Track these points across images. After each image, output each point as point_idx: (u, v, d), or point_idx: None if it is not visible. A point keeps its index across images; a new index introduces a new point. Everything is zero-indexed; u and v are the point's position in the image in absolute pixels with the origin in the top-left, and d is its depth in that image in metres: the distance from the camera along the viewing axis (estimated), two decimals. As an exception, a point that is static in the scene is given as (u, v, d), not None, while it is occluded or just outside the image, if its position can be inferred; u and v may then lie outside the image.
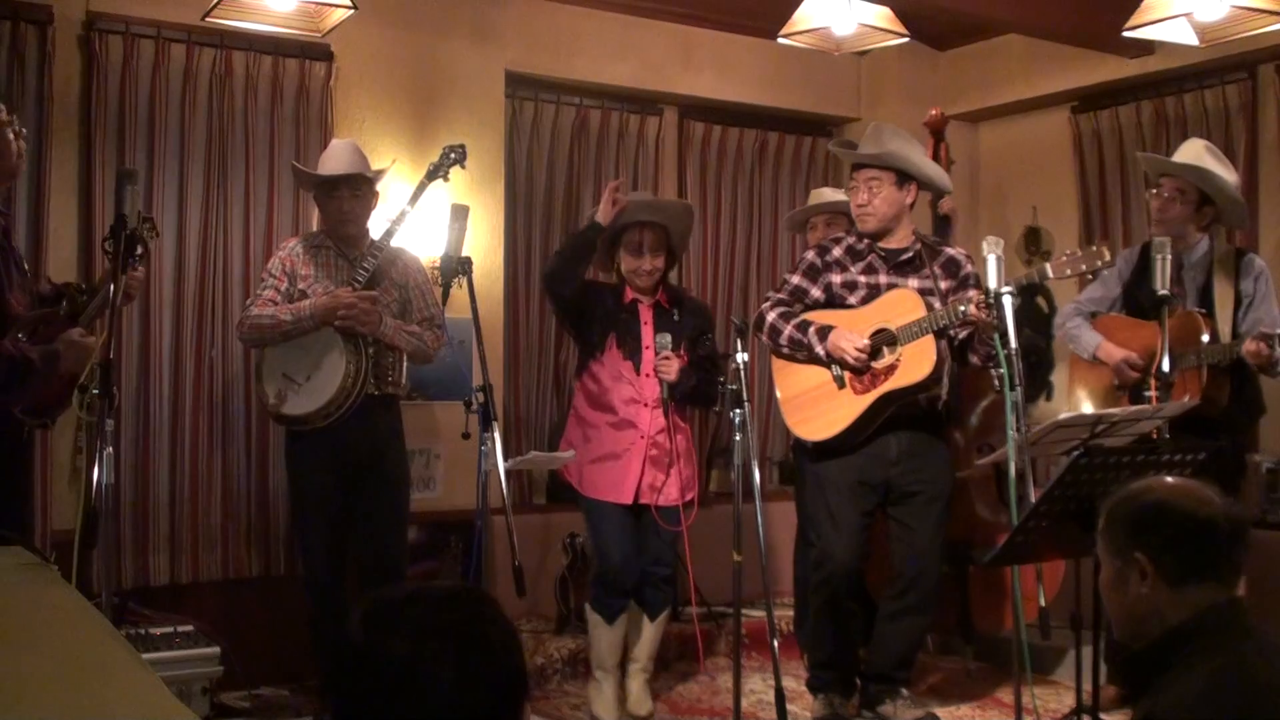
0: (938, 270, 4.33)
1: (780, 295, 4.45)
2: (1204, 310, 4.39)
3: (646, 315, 4.57)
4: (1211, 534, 2.08)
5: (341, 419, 4.19)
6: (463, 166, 4.37)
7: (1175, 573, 2.07)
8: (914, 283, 4.30)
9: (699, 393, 4.55)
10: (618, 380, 4.53)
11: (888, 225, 4.33)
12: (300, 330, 4.22)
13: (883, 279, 4.33)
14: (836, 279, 4.38)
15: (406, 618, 1.44)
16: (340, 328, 4.20)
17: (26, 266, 3.83)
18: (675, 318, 4.57)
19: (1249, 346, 4.14)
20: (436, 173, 4.33)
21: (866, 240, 4.37)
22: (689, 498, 4.46)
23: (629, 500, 4.49)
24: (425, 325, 4.43)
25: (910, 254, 4.34)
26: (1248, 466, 4.73)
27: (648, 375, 4.50)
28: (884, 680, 4.37)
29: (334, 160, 4.37)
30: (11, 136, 3.60)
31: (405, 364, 4.37)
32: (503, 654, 1.45)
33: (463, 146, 4.34)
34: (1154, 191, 4.50)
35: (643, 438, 4.49)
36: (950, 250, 4.43)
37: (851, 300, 4.34)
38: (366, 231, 4.43)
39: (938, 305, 4.19)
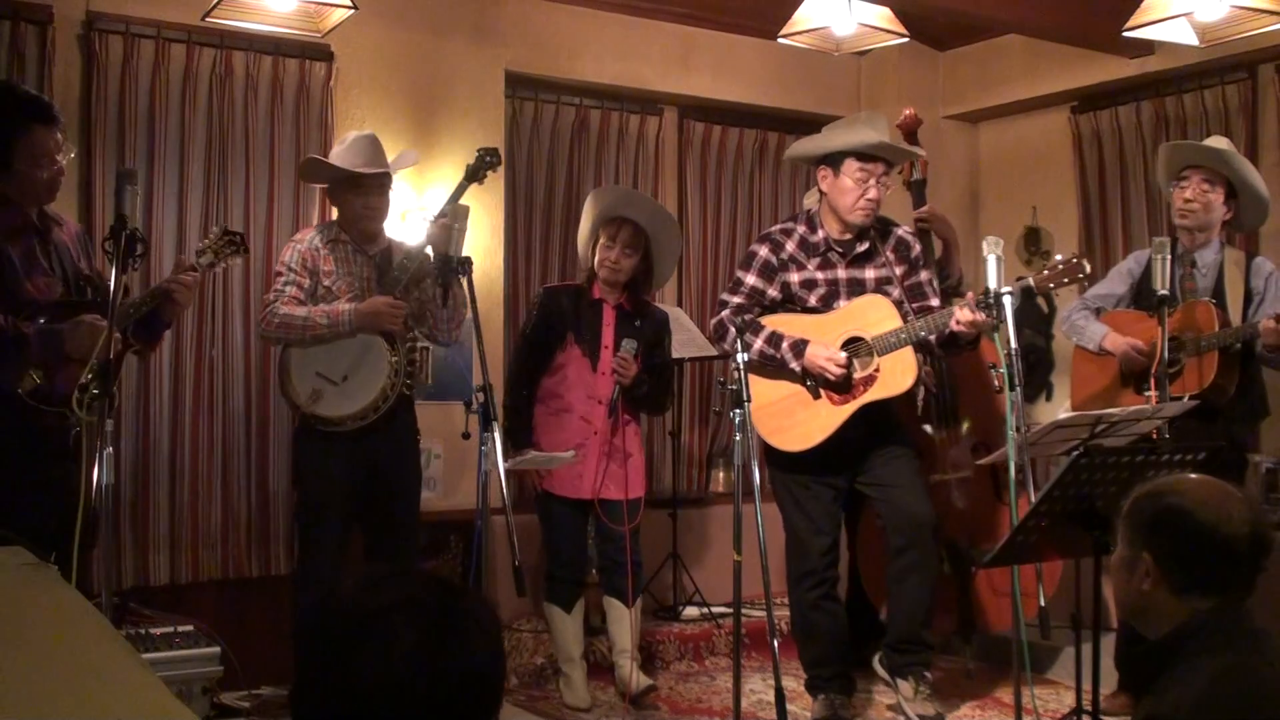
0: (891, 255, 4.29)
1: (738, 300, 4.31)
2: (1215, 301, 4.39)
3: (609, 317, 4.64)
4: (1227, 553, 2.02)
5: (376, 422, 4.18)
6: (495, 170, 4.31)
7: (1179, 582, 2.04)
8: (870, 273, 4.27)
9: (650, 399, 4.71)
10: (575, 377, 4.60)
11: None
12: (335, 336, 4.20)
13: (841, 273, 4.27)
14: (794, 278, 4.29)
15: (392, 584, 1.43)
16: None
17: (77, 261, 3.75)
18: (637, 323, 4.65)
19: (1266, 324, 4.15)
20: (475, 175, 4.24)
21: (821, 233, 4.29)
22: (635, 496, 4.58)
23: (588, 496, 4.56)
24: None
25: (866, 244, 4.28)
26: (1248, 466, 4.73)
27: (603, 374, 4.58)
28: (909, 644, 4.26)
29: (359, 155, 4.30)
30: (45, 166, 3.59)
31: (430, 363, 4.35)
32: (470, 648, 1.39)
33: (496, 150, 4.29)
34: (1180, 185, 4.44)
35: (596, 434, 4.57)
36: (899, 230, 4.38)
37: (813, 301, 4.27)
38: (383, 228, 4.43)
39: (895, 293, 4.19)
